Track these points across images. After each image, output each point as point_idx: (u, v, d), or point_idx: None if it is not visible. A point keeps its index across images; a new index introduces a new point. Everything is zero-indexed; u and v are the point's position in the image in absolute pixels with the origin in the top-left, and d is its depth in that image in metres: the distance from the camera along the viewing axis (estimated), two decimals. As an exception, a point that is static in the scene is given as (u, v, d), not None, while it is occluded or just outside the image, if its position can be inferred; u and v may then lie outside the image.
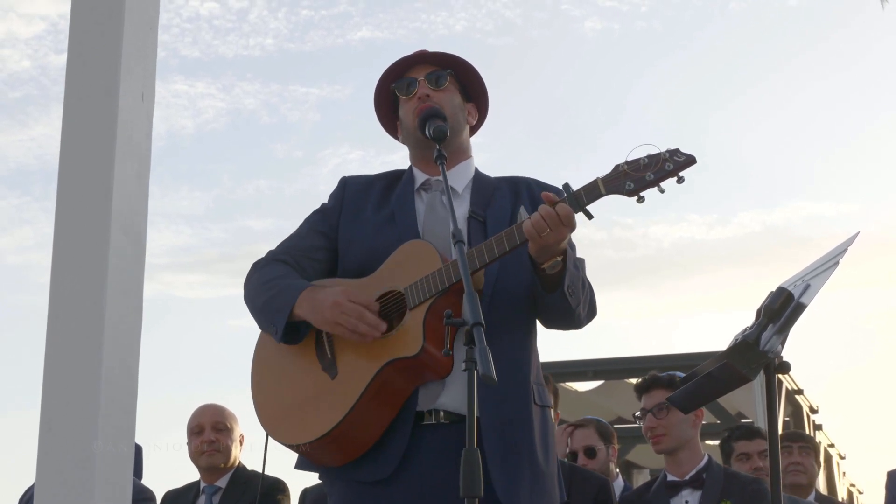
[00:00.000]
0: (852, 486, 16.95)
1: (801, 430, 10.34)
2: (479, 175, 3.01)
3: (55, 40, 14.88)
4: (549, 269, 2.63)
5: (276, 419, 2.82)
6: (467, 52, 3.01)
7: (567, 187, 2.61)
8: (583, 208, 2.59)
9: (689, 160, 2.54)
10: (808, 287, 2.61)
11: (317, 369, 2.78)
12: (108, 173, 2.51)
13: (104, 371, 2.40)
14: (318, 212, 3.04)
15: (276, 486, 5.21)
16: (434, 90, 2.94)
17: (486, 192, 2.94)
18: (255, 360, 2.93)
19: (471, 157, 3.04)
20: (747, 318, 2.70)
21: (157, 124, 2.70)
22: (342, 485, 2.78)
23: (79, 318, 2.45)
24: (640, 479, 11.71)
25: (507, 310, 2.75)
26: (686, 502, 4.37)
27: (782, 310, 2.59)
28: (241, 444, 5.35)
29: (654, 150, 2.57)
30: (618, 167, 2.59)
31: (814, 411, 13.36)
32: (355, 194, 3.00)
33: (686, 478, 4.40)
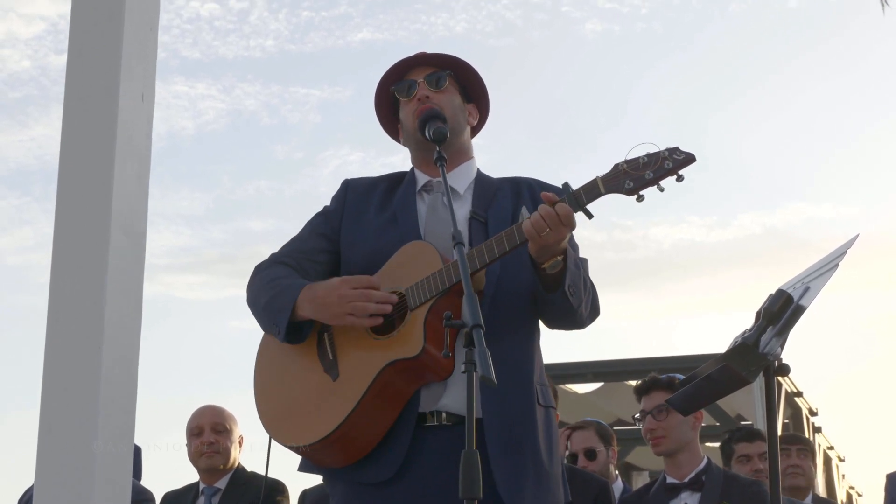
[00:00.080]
0: (851, 488, 16.96)
1: (799, 433, 10.36)
2: (480, 176, 3.01)
3: (55, 40, 14.90)
4: (550, 268, 2.63)
5: (279, 421, 2.81)
6: (468, 54, 3.02)
7: (566, 187, 2.61)
8: (582, 208, 2.59)
9: (689, 158, 2.54)
10: (807, 289, 2.61)
11: (318, 371, 2.77)
12: (108, 174, 2.51)
13: (104, 371, 2.40)
14: (320, 214, 3.04)
15: (275, 488, 5.21)
16: (434, 91, 2.94)
17: (488, 193, 2.94)
18: (258, 364, 2.93)
19: (472, 157, 3.04)
20: (747, 320, 2.70)
21: (157, 125, 2.70)
22: (344, 486, 2.78)
23: (79, 319, 2.44)
24: (640, 481, 11.70)
25: (509, 310, 2.75)
26: (685, 504, 4.38)
27: (782, 312, 2.59)
28: (240, 446, 5.35)
29: (653, 148, 2.57)
30: (617, 166, 2.58)
31: (813, 413, 13.35)
32: (358, 197, 3.00)
33: (685, 480, 4.39)
